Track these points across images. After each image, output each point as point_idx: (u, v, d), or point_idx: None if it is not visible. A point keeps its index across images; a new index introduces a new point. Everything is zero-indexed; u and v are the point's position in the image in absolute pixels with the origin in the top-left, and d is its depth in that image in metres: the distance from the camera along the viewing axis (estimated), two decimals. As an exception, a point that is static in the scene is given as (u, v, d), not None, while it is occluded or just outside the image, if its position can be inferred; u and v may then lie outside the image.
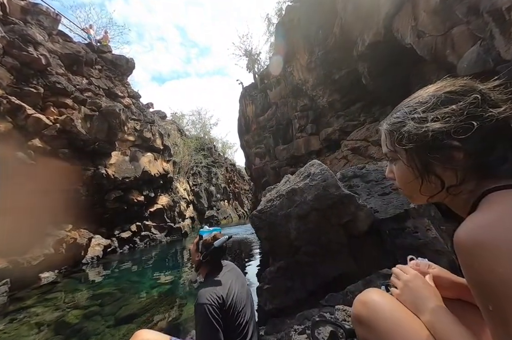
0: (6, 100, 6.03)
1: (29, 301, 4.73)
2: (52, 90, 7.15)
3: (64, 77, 7.59)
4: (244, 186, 31.43)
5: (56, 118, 7.19)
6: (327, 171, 2.35)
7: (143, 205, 10.81)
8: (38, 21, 7.25)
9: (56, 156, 7.49)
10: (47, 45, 7.16)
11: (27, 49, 6.36)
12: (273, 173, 13.14)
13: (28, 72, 6.59)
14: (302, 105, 11.13)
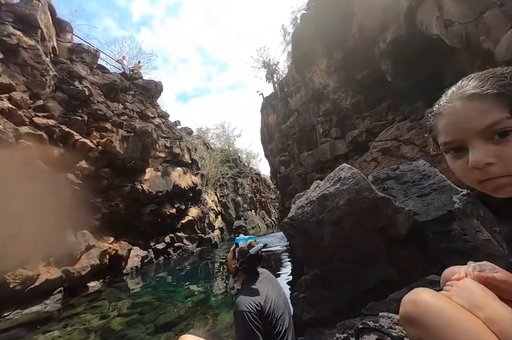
0: (58, 129, 6.88)
1: (79, 308, 5.14)
2: (94, 116, 8.01)
3: (104, 104, 8.48)
4: (270, 195, 31.31)
5: (98, 141, 7.99)
6: (358, 174, 2.28)
7: (175, 218, 11.28)
8: (81, 58, 8.33)
9: (99, 175, 8.25)
10: (89, 78, 8.15)
11: (73, 83, 7.30)
12: (299, 181, 12.98)
13: (74, 102, 7.51)
14: (324, 110, 10.94)
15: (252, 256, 1.51)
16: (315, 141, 11.84)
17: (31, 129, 6.42)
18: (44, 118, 6.68)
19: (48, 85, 6.76)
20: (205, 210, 14.43)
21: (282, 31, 19.70)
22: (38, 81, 6.50)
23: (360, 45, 7.65)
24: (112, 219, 8.73)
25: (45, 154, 6.84)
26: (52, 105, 6.87)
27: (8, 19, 6.29)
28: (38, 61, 6.46)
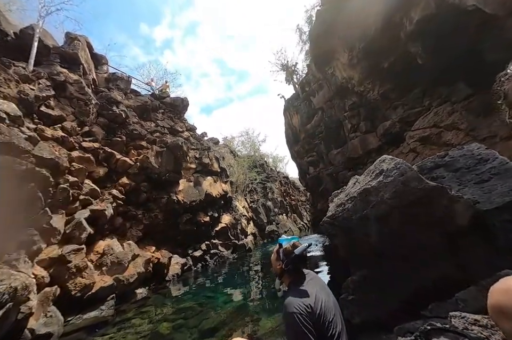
0: (102, 151, 7.62)
1: (129, 313, 5.50)
2: (131, 136, 8.73)
3: (138, 124, 9.21)
4: (300, 198, 30.81)
5: (136, 158, 8.64)
6: (403, 164, 2.11)
7: (209, 225, 11.63)
8: (117, 85, 9.21)
9: (139, 189, 8.87)
10: (124, 102, 8.96)
11: (112, 108, 8.08)
12: (330, 180, 12.61)
13: (114, 125, 8.28)
14: (350, 104, 10.44)
15: (296, 256, 1.47)
16: (343, 138, 11.36)
17: (80, 152, 7.19)
18: (90, 142, 7.45)
19: (91, 113, 7.57)
20: (236, 216, 14.65)
21: (298, 31, 19.75)
22: (83, 110, 7.31)
23: (383, 31, 7.26)
24: (153, 229, 9.29)
25: (93, 174, 7.60)
26: (96, 130, 7.65)
27: (56, 60, 7.23)
28: (82, 92, 7.29)
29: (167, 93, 11.99)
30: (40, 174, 5.72)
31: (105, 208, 7.41)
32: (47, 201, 6.02)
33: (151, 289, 7.45)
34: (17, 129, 5.67)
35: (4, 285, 3.90)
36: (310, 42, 12.14)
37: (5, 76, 6.03)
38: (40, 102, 6.53)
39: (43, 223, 5.82)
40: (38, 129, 6.34)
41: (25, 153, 5.38)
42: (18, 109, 5.89)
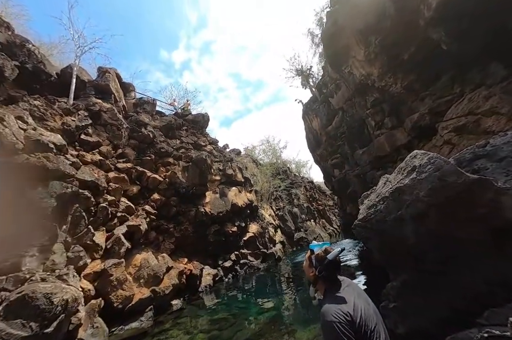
0: (134, 170, 8.24)
1: (167, 325, 5.72)
2: (159, 154, 9.35)
3: (165, 142, 9.85)
4: (327, 202, 29.92)
5: (165, 175, 9.19)
6: (437, 158, 1.97)
7: (237, 235, 11.77)
8: (144, 108, 10.04)
9: (169, 204, 9.35)
10: (151, 123, 9.70)
11: (141, 130, 8.80)
12: (357, 182, 12.14)
13: (143, 146, 8.97)
14: (372, 101, 9.96)
15: (330, 262, 1.43)
16: (368, 136, 10.82)
17: (116, 173, 7.86)
18: (123, 162, 8.12)
19: (123, 136, 8.30)
20: (263, 225, 14.66)
21: (310, 35, 19.94)
22: (117, 135, 8.05)
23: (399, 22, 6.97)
24: (184, 242, 9.65)
25: (127, 192, 8.22)
26: (128, 152, 8.34)
27: (91, 92, 8.13)
28: (114, 119, 8.06)
29: (188, 111, 12.73)
30: (83, 195, 6.35)
31: (140, 223, 7.93)
32: (90, 219, 6.64)
33: (185, 300, 7.68)
34: (63, 156, 6.41)
35: (57, 298, 4.34)
36: (323, 43, 12.09)
37: (51, 111, 6.89)
38: (80, 130, 7.33)
39: (87, 240, 6.41)
40: (79, 155, 7.10)
41: (70, 177, 6.05)
42: (63, 139, 6.67)
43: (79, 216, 6.11)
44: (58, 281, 4.88)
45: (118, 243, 7.06)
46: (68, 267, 5.40)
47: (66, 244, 5.61)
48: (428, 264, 1.93)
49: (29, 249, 4.66)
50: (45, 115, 6.64)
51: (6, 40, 6.37)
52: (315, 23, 19.19)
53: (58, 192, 5.43)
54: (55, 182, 5.49)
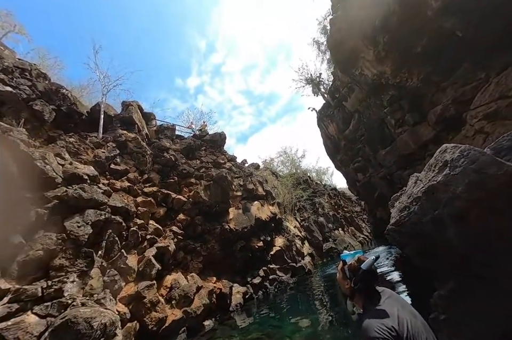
0: (159, 193, 8.73)
1: None
2: (181, 176, 9.83)
3: (186, 164, 10.36)
4: (354, 208, 28.73)
5: (188, 195, 9.59)
6: (470, 150, 1.82)
7: (263, 250, 11.68)
8: (165, 134, 10.76)
9: (195, 223, 9.67)
10: (172, 147, 10.32)
11: (163, 155, 9.39)
12: (384, 184, 11.59)
13: (166, 169, 9.51)
14: (388, 99, 9.72)
15: (365, 271, 1.33)
16: (389, 136, 10.48)
17: (143, 197, 8.37)
18: (149, 187, 8.65)
19: (148, 162, 8.92)
20: (289, 237, 14.42)
21: (315, 44, 20.28)
22: (142, 161, 8.68)
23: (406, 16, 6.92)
24: (211, 260, 9.80)
25: (155, 215, 8.69)
26: (153, 176, 8.91)
27: (117, 125, 8.94)
28: (139, 147, 8.73)
29: (206, 131, 13.35)
30: (115, 221, 6.84)
31: (169, 244, 8.27)
32: (122, 244, 7.09)
33: (217, 320, 7.70)
34: (96, 186, 7.02)
35: (96, 322, 4.64)
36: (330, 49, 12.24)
37: (84, 146, 7.67)
38: (109, 161, 8.02)
39: (121, 264, 6.81)
40: (110, 183, 7.72)
41: (103, 205, 6.59)
42: (95, 170, 7.33)
43: (113, 241, 6.56)
44: (96, 305, 5.23)
45: (149, 265, 7.40)
46: (105, 291, 5.77)
47: (102, 269, 6.03)
48: (476, 268, 1.74)
49: (69, 275, 5.10)
50: (79, 150, 7.40)
51: (44, 88, 7.34)
52: (319, 31, 19.57)
53: (93, 219, 5.93)
54: (90, 210, 6.02)
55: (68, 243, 5.20)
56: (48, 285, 4.74)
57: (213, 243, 9.99)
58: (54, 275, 4.91)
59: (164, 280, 7.86)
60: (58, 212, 5.51)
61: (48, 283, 4.76)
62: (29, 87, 6.58)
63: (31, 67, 7.09)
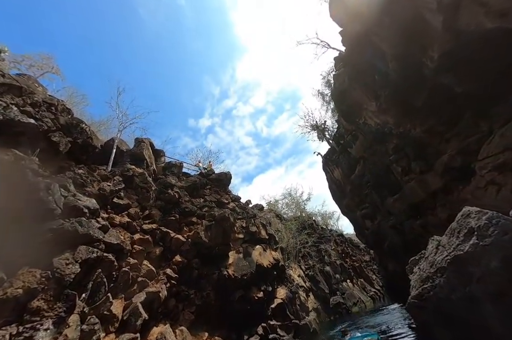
0: (158, 231, 8.38)
1: None
2: (183, 214, 9.58)
3: (189, 202, 10.21)
4: (362, 257, 26.60)
5: (188, 235, 9.16)
6: (499, 218, 1.71)
7: (263, 302, 10.43)
8: (171, 171, 10.96)
9: (191, 266, 8.94)
10: (177, 184, 10.36)
11: (167, 191, 9.37)
12: (394, 233, 10.97)
13: (169, 206, 9.35)
14: (393, 147, 10.08)
15: None
16: (396, 183, 10.50)
17: (141, 235, 7.99)
18: (149, 223, 8.36)
19: (151, 197, 8.85)
20: (293, 288, 13.03)
21: (320, 95, 22.20)
22: (145, 197, 8.62)
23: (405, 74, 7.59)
24: (205, 311, 8.70)
25: (150, 254, 8.13)
26: (154, 212, 8.70)
27: (127, 159, 9.22)
28: (145, 182, 8.79)
29: (212, 170, 13.60)
30: (107, 259, 6.36)
31: (160, 290, 7.49)
32: (110, 286, 6.44)
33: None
34: (94, 220, 6.79)
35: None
36: (334, 100, 13.37)
37: (91, 178, 7.75)
38: (113, 194, 7.97)
39: (105, 310, 6.06)
40: (109, 218, 7.48)
41: (97, 241, 6.24)
42: (97, 203, 7.21)
43: (100, 283, 5.98)
44: (66, 363, 4.45)
45: (135, 314, 6.57)
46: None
47: (82, 316, 5.33)
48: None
49: (44, 322, 4.47)
50: (85, 182, 7.43)
51: (65, 122, 7.86)
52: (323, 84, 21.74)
53: (84, 257, 5.53)
54: (82, 247, 5.67)
55: (51, 283, 4.74)
56: (18, 332, 4.13)
57: (208, 290, 9.04)
58: (28, 320, 4.32)
59: (150, 332, 6.88)
60: (49, 246, 5.21)
61: (19, 329, 4.15)
62: (52, 120, 7.06)
63: (58, 103, 7.75)
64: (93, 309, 5.67)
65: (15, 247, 4.45)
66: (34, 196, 5.18)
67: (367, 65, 9.25)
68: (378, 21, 7.32)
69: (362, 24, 8.05)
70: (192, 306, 8.57)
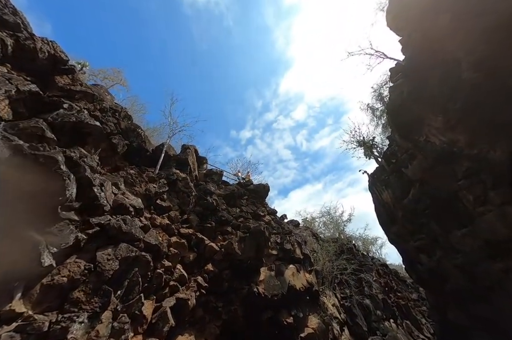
0: (194, 236, 8.38)
1: None
2: (219, 222, 9.52)
3: (225, 210, 10.17)
4: (409, 295, 22.98)
5: (222, 244, 9.00)
6: None
7: (293, 329, 9.49)
8: (212, 178, 11.20)
9: (221, 278, 8.67)
10: (216, 192, 10.48)
11: (206, 198, 9.48)
12: (460, 275, 9.09)
13: (206, 213, 9.40)
14: (464, 171, 8.52)
15: None
16: (466, 213, 8.84)
17: (177, 238, 8.09)
18: (186, 228, 8.45)
19: (191, 202, 9.03)
20: (326, 319, 11.68)
21: (369, 109, 20.97)
22: (186, 201, 8.83)
23: (484, 84, 6.59)
24: (231, 327, 8.24)
25: (184, 259, 8.13)
26: (192, 217, 8.81)
27: (173, 164, 9.68)
28: (186, 187, 9.06)
29: (250, 181, 13.56)
30: (145, 258, 6.48)
31: (189, 297, 7.34)
32: (144, 286, 6.50)
33: None
34: (137, 219, 7.09)
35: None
36: (389, 115, 12.30)
37: (140, 179, 8.23)
38: (157, 196, 8.31)
39: (136, 310, 6.08)
40: (151, 218, 7.76)
41: (138, 240, 6.43)
42: (142, 203, 7.57)
43: (135, 282, 6.06)
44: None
45: (164, 319, 6.48)
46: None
47: (115, 313, 5.38)
48: None
49: (80, 314, 4.58)
50: (135, 182, 7.91)
51: (125, 127, 8.65)
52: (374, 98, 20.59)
53: (124, 255, 5.68)
54: (124, 245, 5.85)
55: (92, 276, 4.91)
56: (57, 320, 4.27)
57: (236, 306, 8.58)
58: (67, 309, 4.46)
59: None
60: (95, 239, 5.49)
61: (58, 317, 4.30)
62: (114, 124, 7.83)
63: (121, 110, 8.66)
64: (125, 307, 5.71)
65: (66, 237, 4.75)
66: (89, 190, 5.59)
67: (432, 75, 8.30)
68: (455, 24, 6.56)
69: (428, 31, 7.34)
70: (218, 319, 8.20)
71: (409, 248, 12.44)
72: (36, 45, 6.00)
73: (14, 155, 4.30)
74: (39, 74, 6.21)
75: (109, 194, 6.33)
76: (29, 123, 4.99)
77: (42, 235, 4.40)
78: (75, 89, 6.62)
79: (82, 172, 5.49)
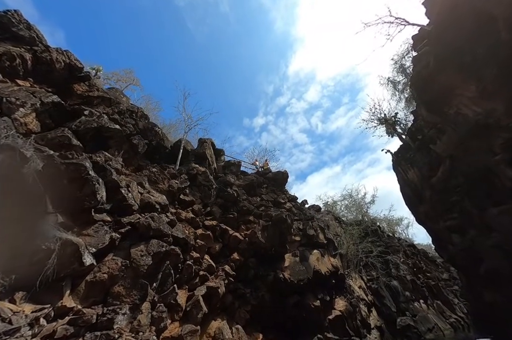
0: (218, 228, 8.65)
1: None
2: (241, 212, 9.71)
3: (246, 200, 10.32)
4: (440, 275, 22.46)
5: (245, 233, 9.24)
6: None
7: (320, 312, 9.78)
8: (230, 169, 11.29)
9: (247, 265, 9.00)
10: (235, 182, 10.60)
11: (227, 190, 9.63)
12: (500, 256, 8.57)
13: (228, 204, 9.61)
14: (501, 143, 7.87)
15: None
16: (503, 190, 8.22)
17: (203, 230, 8.42)
18: (210, 220, 8.73)
19: (212, 195, 9.24)
20: (353, 301, 11.88)
21: (390, 83, 19.44)
22: (207, 194, 9.05)
23: None
24: (260, 311, 8.66)
25: (210, 250, 8.50)
26: (215, 210, 9.05)
27: (192, 159, 9.85)
28: (207, 180, 9.23)
29: (268, 169, 13.50)
30: (174, 252, 6.85)
31: (219, 285, 7.74)
32: (176, 277, 6.95)
33: None
34: (164, 215, 7.42)
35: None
36: (413, 88, 11.26)
37: (162, 176, 8.50)
38: (180, 191, 8.58)
39: (171, 299, 6.55)
40: (176, 213, 8.09)
41: (167, 236, 6.78)
42: (167, 199, 7.87)
43: (168, 274, 6.48)
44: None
45: (197, 306, 6.93)
46: (151, 328, 5.49)
47: (152, 303, 5.84)
48: None
49: (123, 306, 5.03)
50: (157, 180, 8.19)
51: (143, 126, 8.83)
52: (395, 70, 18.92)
53: (155, 250, 6.04)
54: (154, 241, 6.20)
55: (128, 271, 5.30)
56: (103, 313, 4.73)
57: (264, 292, 8.95)
58: (110, 302, 4.92)
59: (208, 326, 7.17)
60: (128, 237, 5.85)
61: (103, 310, 4.76)
62: (133, 125, 8.00)
63: (138, 110, 8.78)
64: (161, 298, 6.16)
65: (102, 237, 5.11)
66: (117, 192, 5.87)
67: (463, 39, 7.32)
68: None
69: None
70: (247, 305, 8.63)
71: (439, 228, 11.92)
72: (52, 56, 6.12)
73: (46, 166, 4.57)
74: (58, 84, 6.40)
75: (136, 193, 6.63)
76: (56, 133, 5.24)
77: (81, 237, 4.77)
78: (93, 95, 6.78)
79: (109, 176, 5.75)
